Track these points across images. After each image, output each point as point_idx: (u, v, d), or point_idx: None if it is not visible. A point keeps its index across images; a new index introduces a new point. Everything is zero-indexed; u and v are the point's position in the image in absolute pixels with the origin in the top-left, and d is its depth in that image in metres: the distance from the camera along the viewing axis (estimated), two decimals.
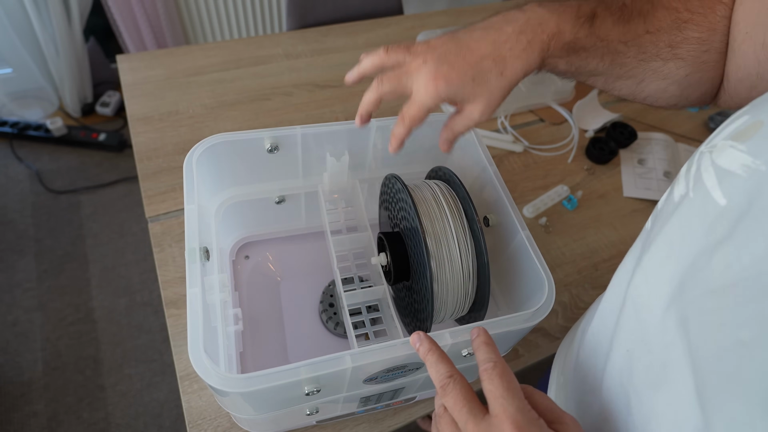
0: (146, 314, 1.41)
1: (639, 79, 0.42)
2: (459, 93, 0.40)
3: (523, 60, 0.39)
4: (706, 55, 0.40)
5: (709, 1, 0.39)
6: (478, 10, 1.15)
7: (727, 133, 0.27)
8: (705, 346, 0.25)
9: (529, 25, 0.39)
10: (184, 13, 1.65)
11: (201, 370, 0.36)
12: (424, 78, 0.39)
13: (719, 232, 0.25)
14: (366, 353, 0.38)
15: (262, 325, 0.62)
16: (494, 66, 0.39)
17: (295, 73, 0.94)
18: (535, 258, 0.45)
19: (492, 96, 0.40)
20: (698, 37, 0.39)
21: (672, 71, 0.41)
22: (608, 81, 0.43)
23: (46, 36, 1.55)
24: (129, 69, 0.91)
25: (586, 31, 0.39)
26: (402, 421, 0.58)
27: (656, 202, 0.83)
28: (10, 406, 1.24)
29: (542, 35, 0.38)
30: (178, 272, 0.66)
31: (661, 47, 0.40)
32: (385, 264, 0.53)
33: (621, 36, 0.40)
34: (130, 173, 1.70)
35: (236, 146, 0.51)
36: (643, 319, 0.31)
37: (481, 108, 0.40)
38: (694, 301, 0.26)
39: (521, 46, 0.38)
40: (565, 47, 0.39)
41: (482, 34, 0.40)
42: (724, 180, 0.25)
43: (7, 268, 1.46)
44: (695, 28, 0.39)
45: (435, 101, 0.40)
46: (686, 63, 0.40)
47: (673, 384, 0.28)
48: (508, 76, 0.39)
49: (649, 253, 0.31)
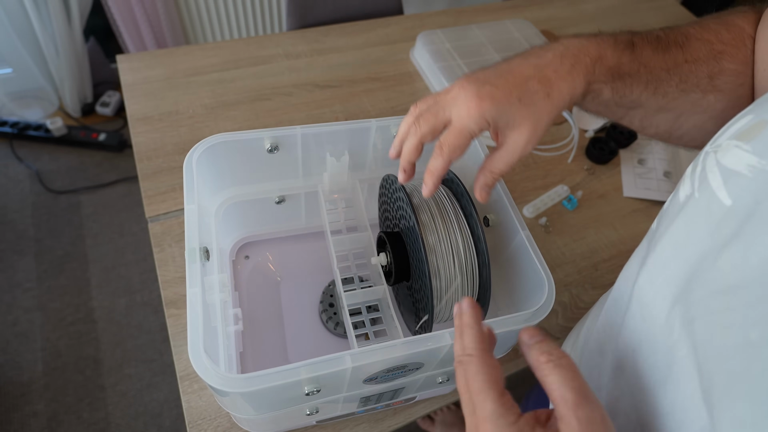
0: (146, 314, 1.41)
1: (678, 113, 0.41)
2: (504, 115, 0.36)
3: (569, 82, 0.36)
4: (742, 89, 0.39)
5: (738, 34, 0.39)
6: (478, 10, 1.15)
7: (731, 133, 0.27)
8: (711, 346, 0.25)
9: (570, 50, 0.37)
10: (184, 13, 1.65)
11: (201, 370, 0.36)
12: (464, 101, 0.36)
13: (725, 233, 0.25)
14: (366, 353, 0.38)
15: (262, 325, 0.63)
16: (540, 87, 0.36)
17: (295, 73, 0.94)
18: (535, 258, 0.45)
19: (539, 120, 0.37)
20: (734, 69, 0.39)
21: (711, 104, 0.40)
22: (647, 115, 0.42)
23: (46, 36, 1.55)
24: (129, 69, 0.91)
25: (629, 56, 0.38)
26: (402, 421, 0.58)
27: (656, 202, 0.83)
28: (10, 406, 1.24)
29: (585, 59, 0.37)
30: (178, 272, 0.66)
31: (701, 77, 0.39)
32: (385, 264, 0.53)
33: (662, 63, 0.38)
34: (130, 173, 1.70)
35: (236, 146, 0.51)
36: (648, 318, 0.31)
37: (528, 133, 0.37)
38: (701, 301, 0.26)
39: (565, 69, 0.37)
40: (610, 72, 0.38)
41: (521, 60, 0.38)
42: (730, 180, 0.25)
43: (7, 268, 1.46)
44: (730, 59, 0.39)
45: (479, 124, 0.36)
46: (724, 96, 0.40)
47: (678, 383, 0.28)
48: (554, 98, 0.36)
49: (655, 253, 0.31)
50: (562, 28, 1.12)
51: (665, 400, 0.29)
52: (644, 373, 0.31)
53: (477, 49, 0.98)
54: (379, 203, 0.61)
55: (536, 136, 0.37)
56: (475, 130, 0.37)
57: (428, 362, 0.44)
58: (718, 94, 0.40)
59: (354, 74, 0.96)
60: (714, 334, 0.25)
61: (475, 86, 0.36)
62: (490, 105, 0.36)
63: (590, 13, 1.19)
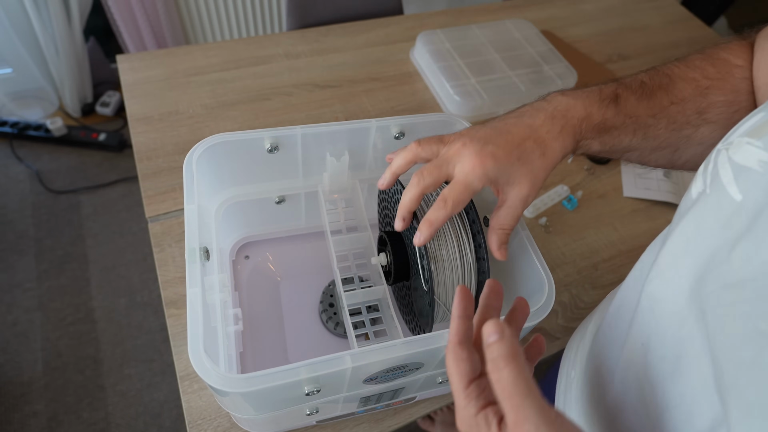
0: (146, 314, 1.41)
1: (674, 148, 0.43)
2: (505, 173, 0.39)
3: (561, 142, 0.40)
4: (737, 115, 0.40)
5: (724, 66, 0.41)
6: (478, 10, 1.15)
7: (743, 130, 0.27)
8: (722, 337, 0.25)
9: (558, 111, 0.40)
10: (184, 13, 1.65)
11: (201, 370, 0.36)
12: (468, 158, 0.39)
13: (737, 228, 0.25)
14: (366, 353, 0.38)
15: (262, 325, 0.63)
16: (536, 147, 0.39)
17: (295, 73, 0.94)
18: (535, 258, 0.45)
19: (536, 177, 0.40)
20: (724, 100, 0.40)
21: (705, 135, 0.41)
22: (643, 154, 0.43)
23: (46, 36, 1.55)
24: (129, 69, 0.91)
25: (613, 111, 0.40)
26: (402, 421, 0.58)
27: (656, 202, 0.83)
28: (10, 406, 1.24)
29: (572, 120, 0.40)
30: (178, 272, 0.66)
31: (690, 114, 0.40)
32: (385, 264, 0.53)
33: (648, 111, 0.40)
34: (130, 173, 1.70)
35: (236, 146, 0.51)
36: (658, 312, 0.31)
37: (527, 189, 0.40)
38: (712, 294, 0.26)
39: (557, 129, 0.40)
40: (596, 128, 0.40)
41: (516, 120, 0.41)
42: (741, 176, 0.26)
43: (7, 268, 1.46)
44: (718, 92, 0.40)
45: (482, 181, 0.39)
46: (718, 126, 0.41)
47: (688, 375, 0.28)
48: (549, 157, 0.39)
49: (665, 248, 0.31)
50: (562, 28, 1.12)
51: (674, 392, 0.29)
52: (653, 366, 0.31)
53: (477, 49, 0.98)
54: (378, 203, 0.61)
55: (535, 190, 0.40)
56: (478, 187, 0.39)
57: (428, 362, 0.44)
58: (711, 125, 0.41)
59: (354, 74, 0.96)
60: (725, 325, 0.25)
61: (478, 145, 0.39)
62: (493, 164, 0.38)
63: (590, 13, 1.19)
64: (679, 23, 1.20)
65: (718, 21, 2.13)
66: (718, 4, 2.04)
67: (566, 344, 0.55)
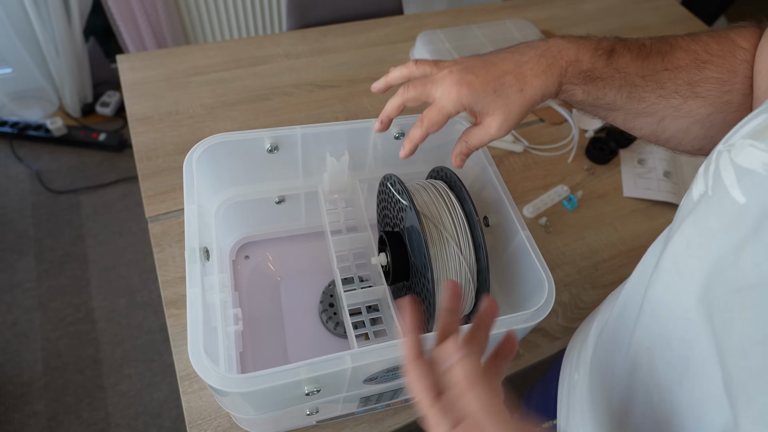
0: (146, 314, 1.41)
1: (659, 117, 0.43)
2: (479, 102, 0.41)
3: (542, 80, 0.40)
4: (728, 95, 0.40)
5: (728, 45, 0.40)
6: (478, 10, 1.15)
7: (745, 132, 0.27)
8: (731, 342, 0.25)
9: (550, 51, 0.41)
10: (184, 13, 1.65)
11: (201, 370, 0.36)
12: (447, 84, 0.41)
13: (742, 231, 0.25)
14: (366, 353, 0.38)
15: (262, 325, 0.62)
16: (515, 82, 0.40)
17: (295, 73, 0.94)
18: (535, 258, 0.45)
19: (511, 111, 0.41)
20: (718, 77, 0.40)
21: (693, 110, 0.41)
22: (628, 118, 0.44)
23: (46, 36, 1.55)
24: (129, 69, 0.91)
25: (604, 62, 0.41)
26: (402, 421, 0.58)
27: (656, 202, 0.83)
28: (10, 406, 1.24)
29: (561, 61, 0.40)
30: (178, 272, 0.66)
31: (680, 84, 0.40)
32: (385, 264, 0.53)
33: (638, 70, 0.41)
34: (130, 173, 1.70)
35: (236, 146, 0.51)
36: (662, 316, 0.31)
37: (499, 121, 0.41)
38: (720, 298, 0.26)
39: (541, 68, 0.40)
40: (582, 75, 0.41)
41: (507, 54, 0.42)
42: (744, 178, 0.25)
43: (7, 268, 1.46)
44: (715, 69, 0.40)
45: (456, 106, 0.41)
46: (707, 102, 0.41)
47: (697, 380, 0.28)
48: (527, 93, 0.40)
49: (667, 251, 0.31)
50: (562, 28, 1.12)
51: (684, 397, 0.29)
52: (660, 370, 0.31)
53: (477, 49, 0.98)
54: (378, 203, 0.61)
55: (507, 124, 0.42)
56: (452, 111, 0.42)
57: None
58: (699, 100, 0.41)
59: (354, 74, 0.96)
60: (734, 331, 0.25)
61: (459, 73, 0.41)
62: (468, 92, 0.40)
63: (590, 13, 1.19)
64: (679, 23, 1.20)
65: (718, 21, 2.13)
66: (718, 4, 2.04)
67: (567, 345, 0.55)
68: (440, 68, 0.43)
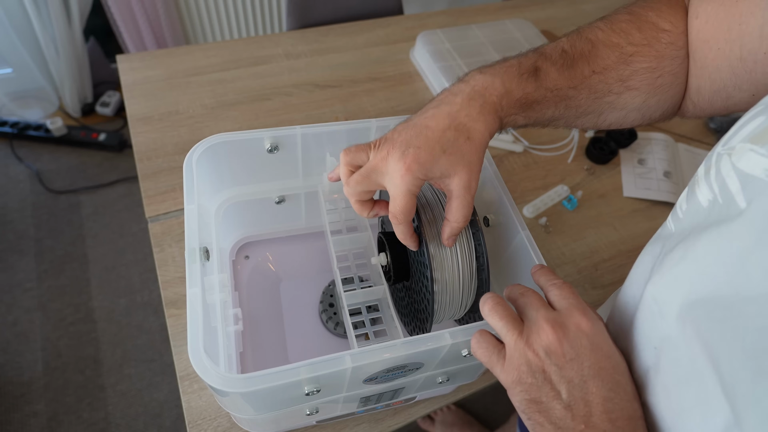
0: (146, 314, 1.41)
1: (598, 113, 0.43)
2: (435, 169, 0.38)
3: (482, 122, 0.38)
4: (660, 80, 0.40)
5: (651, 31, 0.40)
6: (478, 10, 1.15)
7: (744, 135, 0.27)
8: (739, 347, 0.25)
9: (476, 91, 0.39)
10: (184, 13, 1.65)
11: (201, 370, 0.36)
12: (393, 169, 0.38)
13: (746, 238, 0.25)
14: (366, 353, 0.38)
15: (262, 325, 0.62)
16: (459, 134, 0.38)
17: (295, 73, 0.94)
18: (535, 258, 0.45)
19: (470, 162, 0.38)
20: (648, 66, 0.40)
21: (628, 101, 0.41)
22: (569, 121, 0.44)
23: (46, 36, 1.55)
24: (129, 69, 0.91)
25: (533, 84, 0.39)
26: (402, 421, 0.58)
27: (656, 202, 0.83)
28: (10, 406, 1.24)
29: (491, 98, 0.39)
30: (178, 272, 0.66)
31: (612, 83, 0.40)
32: (385, 264, 0.52)
33: (568, 82, 0.40)
34: (130, 173, 1.70)
35: (236, 146, 0.51)
36: (667, 317, 0.31)
37: (465, 178, 0.38)
38: (727, 306, 0.26)
39: (476, 111, 0.38)
40: (518, 103, 0.39)
41: (435, 111, 0.39)
42: (748, 185, 0.25)
43: (7, 268, 1.46)
44: (642, 59, 0.40)
45: (415, 185, 0.38)
46: (641, 92, 0.41)
47: (701, 379, 0.28)
48: (475, 139, 0.38)
49: (672, 254, 0.31)
50: (562, 28, 1.12)
51: (689, 395, 0.29)
52: (667, 369, 0.31)
53: (477, 49, 0.98)
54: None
55: (474, 175, 0.39)
56: (414, 190, 0.38)
57: (428, 362, 0.44)
58: (633, 92, 0.41)
59: (354, 74, 0.96)
60: (745, 336, 0.25)
61: (399, 151, 0.38)
62: (418, 167, 0.37)
63: (590, 13, 1.19)
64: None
65: None
66: None
67: None
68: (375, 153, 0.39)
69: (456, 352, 0.42)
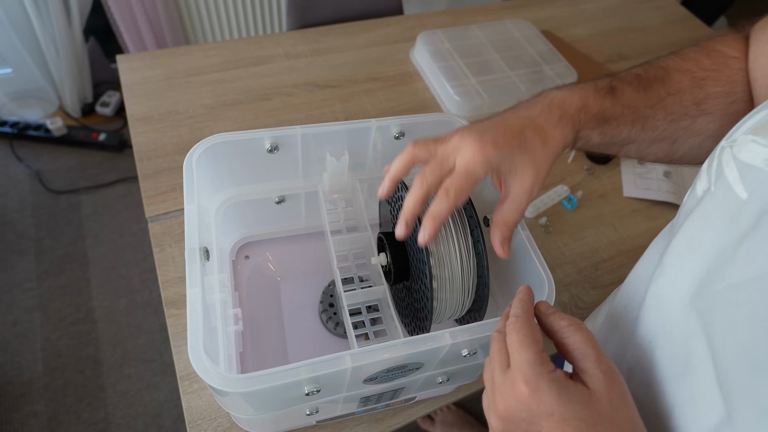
0: (146, 314, 1.41)
1: (672, 140, 0.42)
2: (507, 160, 0.37)
3: (560, 130, 0.39)
4: (734, 106, 0.40)
5: (719, 57, 0.41)
6: (478, 10, 1.15)
7: (747, 128, 0.27)
8: (732, 338, 0.25)
9: (555, 102, 0.39)
10: (184, 13, 1.65)
11: (201, 370, 0.36)
12: (469, 147, 0.37)
13: (743, 226, 0.25)
14: (366, 353, 0.38)
15: (262, 325, 0.62)
16: (537, 135, 0.38)
17: (295, 73, 0.94)
18: (535, 258, 0.45)
19: (539, 166, 0.38)
20: (720, 91, 0.40)
21: (703, 127, 0.41)
22: (641, 147, 0.43)
23: (46, 36, 1.55)
24: (129, 69, 0.91)
25: (610, 101, 0.40)
26: (402, 421, 0.58)
27: (656, 202, 0.83)
28: (10, 406, 1.24)
29: (570, 110, 0.39)
30: (178, 272, 0.66)
31: (687, 105, 0.40)
32: (385, 264, 0.52)
33: (645, 101, 0.40)
34: (130, 173, 1.70)
35: (236, 146, 0.51)
36: (665, 311, 0.31)
37: (531, 179, 0.38)
38: (720, 293, 0.26)
39: (555, 119, 0.39)
40: (595, 118, 0.40)
41: (512, 113, 0.40)
42: (747, 174, 0.26)
43: (7, 268, 1.46)
44: (714, 83, 0.40)
45: (484, 168, 0.37)
46: (715, 117, 0.41)
47: (695, 374, 0.28)
48: (550, 145, 0.38)
49: (671, 246, 0.31)
50: (562, 28, 1.12)
51: (683, 390, 0.29)
52: (661, 365, 0.31)
53: (477, 49, 0.98)
54: (379, 203, 0.61)
55: (539, 181, 0.38)
56: (480, 175, 0.37)
57: (428, 362, 0.44)
58: (708, 116, 0.41)
59: (354, 74, 0.96)
60: (736, 326, 0.25)
61: (476, 134, 0.37)
62: (494, 150, 0.37)
63: (590, 13, 1.19)
64: (679, 23, 1.20)
65: (718, 21, 2.13)
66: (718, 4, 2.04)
67: None
68: (446, 140, 0.39)
69: (456, 352, 0.42)
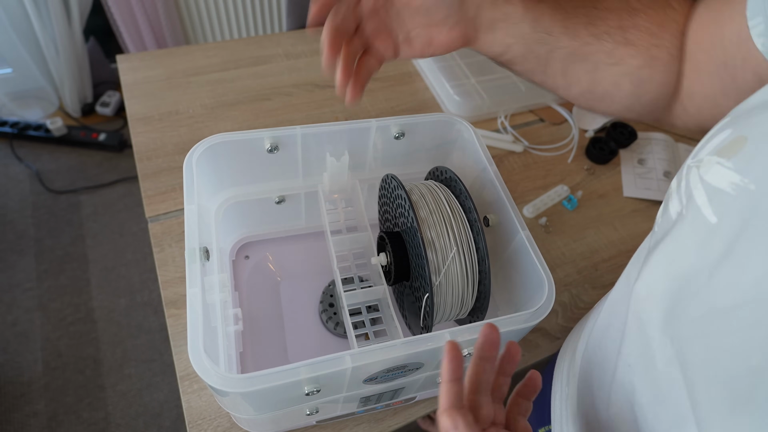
0: (146, 314, 1.41)
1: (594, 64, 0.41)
2: None
3: None
4: (656, 49, 0.40)
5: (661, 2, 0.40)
6: None
7: (711, 148, 0.26)
8: (711, 371, 0.25)
9: None
10: (184, 13, 1.65)
11: (201, 370, 0.36)
12: None
13: (716, 251, 0.24)
14: (366, 353, 0.38)
15: (262, 325, 0.62)
16: None
17: (295, 73, 0.94)
18: (535, 258, 0.45)
19: None
20: (648, 27, 0.40)
21: (624, 57, 0.40)
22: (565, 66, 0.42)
23: (46, 36, 1.55)
24: (129, 69, 0.91)
25: None
26: (402, 421, 0.58)
27: (656, 202, 0.83)
28: (10, 406, 1.24)
29: None
30: (178, 272, 0.66)
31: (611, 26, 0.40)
32: (385, 264, 0.53)
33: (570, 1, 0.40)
34: (130, 173, 1.70)
35: (236, 146, 0.51)
36: (645, 334, 0.31)
37: None
38: (697, 321, 0.26)
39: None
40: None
41: None
42: (714, 198, 0.25)
43: (7, 268, 1.46)
44: (645, 18, 0.40)
45: None
46: (638, 52, 0.40)
47: (674, 401, 0.28)
48: None
49: (648, 267, 0.31)
50: None
51: (664, 417, 0.29)
52: (641, 388, 0.31)
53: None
54: (379, 203, 0.61)
55: None
56: None
57: (428, 362, 0.44)
58: (630, 48, 0.40)
59: None
60: (716, 359, 0.25)
61: None
62: None
63: None
64: None
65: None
66: None
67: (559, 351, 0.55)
68: None
69: None
